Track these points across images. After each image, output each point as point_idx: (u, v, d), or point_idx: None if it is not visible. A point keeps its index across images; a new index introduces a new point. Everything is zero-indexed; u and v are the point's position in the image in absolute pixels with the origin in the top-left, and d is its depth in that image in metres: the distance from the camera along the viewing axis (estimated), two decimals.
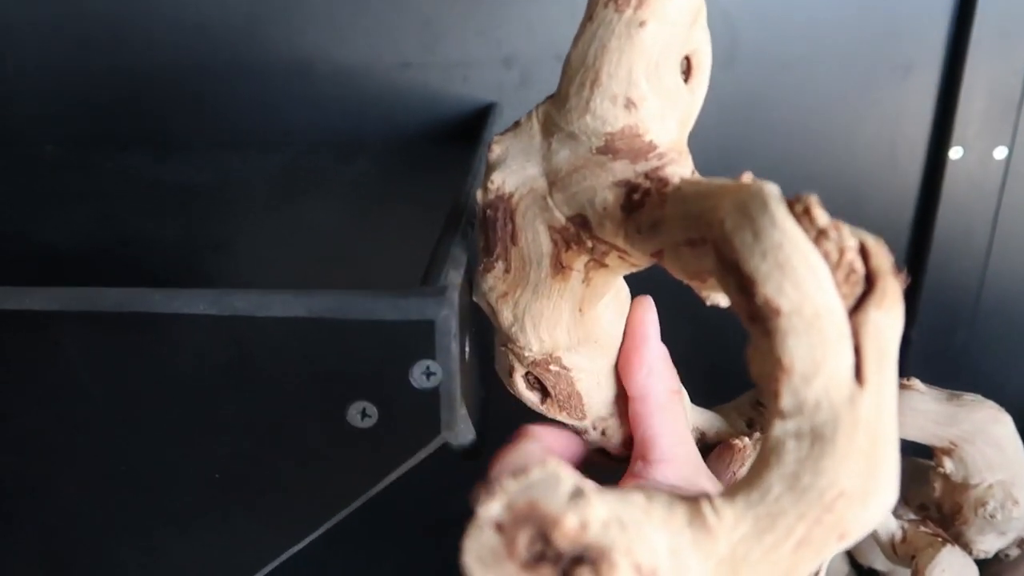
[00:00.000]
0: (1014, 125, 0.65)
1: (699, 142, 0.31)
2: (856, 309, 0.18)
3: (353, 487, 0.29)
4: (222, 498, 0.29)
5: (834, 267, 0.18)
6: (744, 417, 0.47)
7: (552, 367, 0.33)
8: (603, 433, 0.37)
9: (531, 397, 0.35)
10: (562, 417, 0.36)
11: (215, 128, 0.63)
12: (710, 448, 0.41)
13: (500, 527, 0.16)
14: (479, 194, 0.30)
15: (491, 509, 0.16)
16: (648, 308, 0.34)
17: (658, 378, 0.34)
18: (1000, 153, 0.64)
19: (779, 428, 0.18)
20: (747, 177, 0.22)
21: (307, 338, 0.26)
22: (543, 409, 0.35)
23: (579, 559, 0.15)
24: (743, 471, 0.41)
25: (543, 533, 0.15)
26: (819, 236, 0.18)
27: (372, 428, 0.27)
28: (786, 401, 0.18)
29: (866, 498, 0.17)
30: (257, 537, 0.30)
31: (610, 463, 0.39)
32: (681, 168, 0.27)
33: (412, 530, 0.66)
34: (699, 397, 0.41)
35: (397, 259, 0.41)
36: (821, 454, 0.17)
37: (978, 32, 0.61)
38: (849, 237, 0.19)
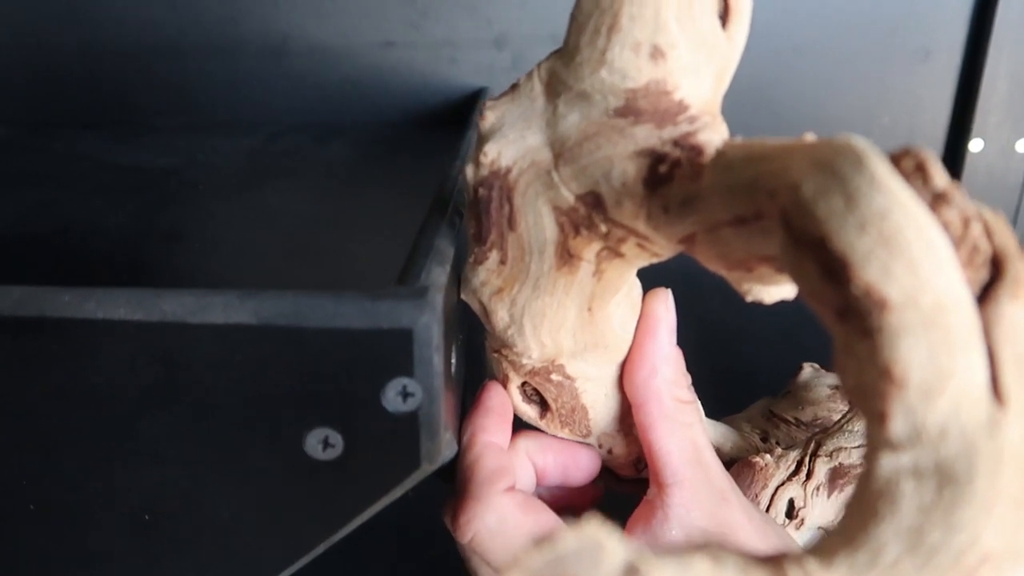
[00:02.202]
0: None
1: None
2: (982, 301, 0.13)
3: (313, 531, 0.23)
4: (153, 543, 0.23)
5: (956, 243, 0.13)
6: (758, 430, 0.42)
7: (554, 376, 0.28)
8: (610, 452, 0.32)
9: (528, 411, 0.30)
10: (564, 434, 0.30)
11: (180, 110, 0.59)
12: (727, 465, 0.36)
13: None
14: (469, 170, 0.25)
15: None
16: (662, 301, 0.29)
17: (663, 381, 0.28)
18: (1023, 146, 0.61)
19: (889, 463, 0.13)
20: (810, 137, 0.17)
21: (255, 351, 0.21)
22: (542, 425, 0.30)
23: None
24: (766, 494, 0.36)
25: None
26: (936, 201, 0.13)
27: (336, 460, 0.22)
28: (898, 426, 0.12)
29: (1019, 561, 0.12)
30: None
31: (620, 487, 0.33)
32: (716, 134, 0.22)
33: (393, 544, 0.61)
34: (704, 408, 0.36)
35: (375, 253, 0.36)
36: (954, 501, 0.12)
37: (1002, 16, 0.59)
38: (971, 205, 0.14)
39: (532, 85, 0.24)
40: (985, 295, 0.13)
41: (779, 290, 0.21)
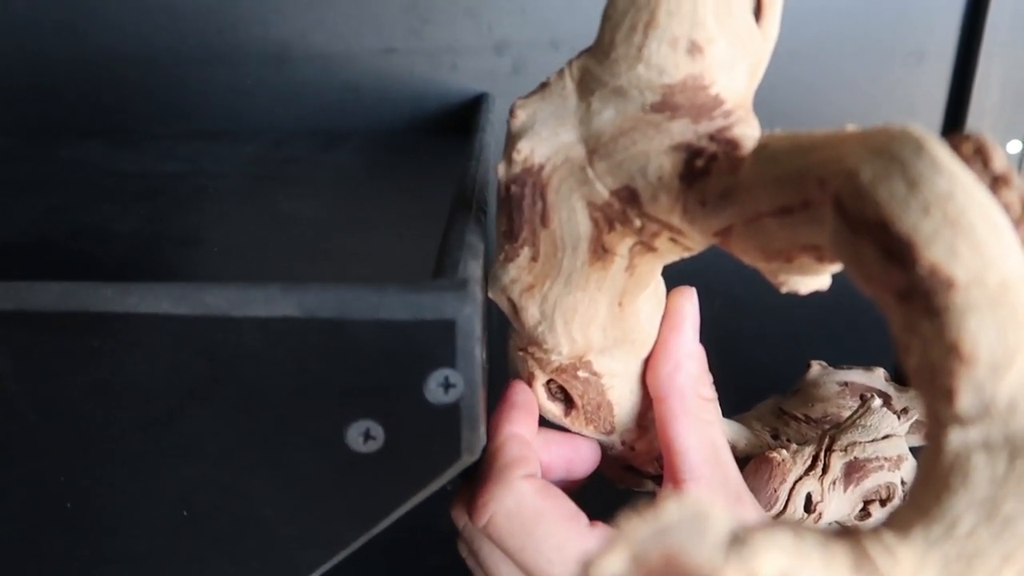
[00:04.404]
0: None
1: None
2: None
3: (351, 526, 0.24)
4: (190, 540, 0.23)
5: (1016, 224, 0.14)
6: (768, 428, 0.43)
7: (580, 373, 0.28)
8: (632, 448, 0.32)
9: (553, 409, 0.30)
10: (588, 431, 0.31)
11: (180, 118, 0.59)
12: (741, 463, 0.37)
13: None
14: (501, 168, 0.25)
15: (611, 565, 0.11)
16: (688, 298, 0.29)
17: (687, 377, 0.29)
18: (1015, 147, 0.63)
19: (958, 437, 0.13)
20: (851, 127, 0.18)
21: (298, 343, 0.21)
22: (566, 422, 0.31)
23: None
24: (784, 489, 0.36)
25: None
26: (996, 184, 0.14)
27: (376, 453, 0.22)
28: (967, 401, 0.13)
29: None
30: None
31: (640, 482, 0.34)
32: (750, 128, 0.22)
33: (391, 548, 0.61)
34: None
35: (390, 254, 0.36)
36: None
37: (993, 20, 0.60)
38: None
39: (564, 83, 0.24)
40: None
41: (815, 280, 0.21)
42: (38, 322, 0.21)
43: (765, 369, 0.50)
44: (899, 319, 0.14)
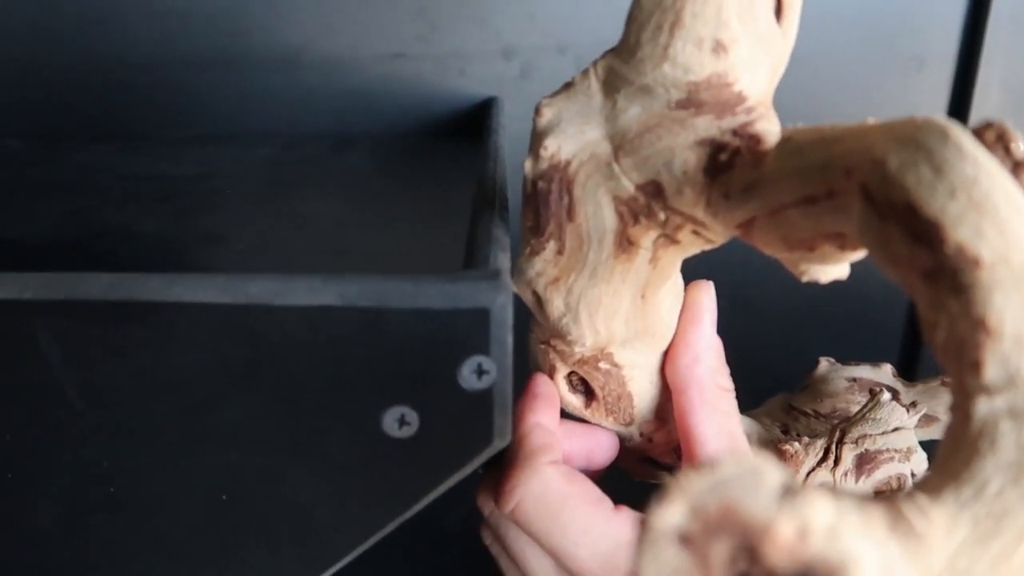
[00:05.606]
0: None
1: None
2: None
3: (384, 509, 0.24)
4: (230, 524, 0.24)
5: None
6: (778, 423, 0.43)
7: (602, 364, 0.29)
8: (651, 439, 0.33)
9: (574, 401, 0.31)
10: (608, 422, 0.31)
11: (193, 121, 0.59)
12: None
13: (686, 540, 0.11)
14: (528, 164, 0.26)
15: (671, 517, 0.11)
16: (706, 292, 0.30)
17: (706, 368, 0.30)
18: (1016, 153, 0.63)
19: (986, 406, 0.14)
20: (872, 120, 0.19)
21: (336, 331, 0.22)
22: (587, 414, 0.31)
23: None
24: (797, 480, 0.37)
25: (749, 546, 0.11)
26: (1017, 169, 0.15)
27: (412, 438, 0.23)
28: (993, 371, 0.14)
29: None
30: (269, 571, 0.25)
31: (656, 474, 0.34)
32: (771, 124, 0.23)
33: (403, 545, 0.62)
34: None
35: (405, 251, 0.37)
36: None
37: (994, 24, 0.61)
38: None
39: (589, 83, 0.25)
40: None
41: (835, 269, 0.22)
42: (85, 312, 0.22)
43: (774, 367, 0.50)
44: (926, 298, 0.15)
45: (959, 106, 0.62)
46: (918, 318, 0.16)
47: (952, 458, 0.14)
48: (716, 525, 0.11)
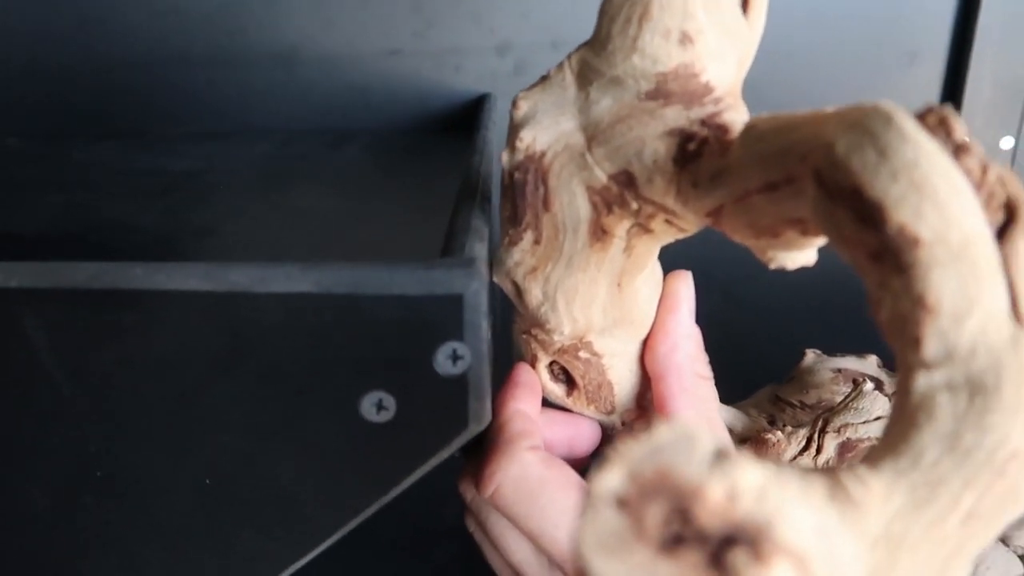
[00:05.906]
0: (1021, 115, 0.64)
1: None
2: (999, 239, 0.15)
3: (365, 493, 0.25)
4: (214, 507, 0.25)
5: (976, 188, 0.15)
6: (765, 414, 0.44)
7: (582, 353, 0.30)
8: (631, 428, 0.33)
9: (555, 390, 0.32)
10: (589, 411, 0.32)
11: (191, 118, 0.60)
12: (738, 446, 0.38)
13: (623, 504, 0.12)
14: (504, 156, 0.26)
15: (609, 481, 0.12)
16: (683, 281, 0.30)
17: (684, 356, 0.30)
18: (1007, 143, 0.64)
19: (925, 380, 0.14)
20: (830, 108, 0.19)
21: (314, 317, 0.23)
22: (568, 403, 0.32)
23: (731, 540, 0.11)
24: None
25: (681, 508, 0.12)
26: (958, 152, 0.15)
27: (389, 422, 0.24)
28: (932, 347, 0.14)
29: None
30: (254, 552, 0.26)
31: None
32: (739, 115, 0.23)
33: (399, 541, 0.62)
34: None
35: (397, 244, 0.38)
36: (985, 408, 0.14)
37: (984, 19, 0.61)
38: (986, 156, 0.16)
39: (563, 75, 0.26)
40: (1001, 234, 0.15)
41: (801, 255, 0.23)
42: (72, 299, 0.23)
43: (765, 359, 0.51)
44: (872, 278, 0.16)
45: (951, 99, 0.62)
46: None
47: (894, 432, 0.15)
48: (651, 488, 0.12)
